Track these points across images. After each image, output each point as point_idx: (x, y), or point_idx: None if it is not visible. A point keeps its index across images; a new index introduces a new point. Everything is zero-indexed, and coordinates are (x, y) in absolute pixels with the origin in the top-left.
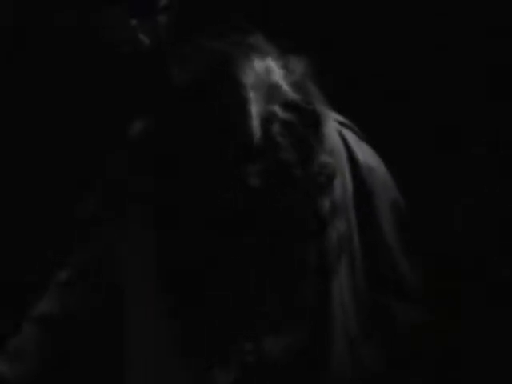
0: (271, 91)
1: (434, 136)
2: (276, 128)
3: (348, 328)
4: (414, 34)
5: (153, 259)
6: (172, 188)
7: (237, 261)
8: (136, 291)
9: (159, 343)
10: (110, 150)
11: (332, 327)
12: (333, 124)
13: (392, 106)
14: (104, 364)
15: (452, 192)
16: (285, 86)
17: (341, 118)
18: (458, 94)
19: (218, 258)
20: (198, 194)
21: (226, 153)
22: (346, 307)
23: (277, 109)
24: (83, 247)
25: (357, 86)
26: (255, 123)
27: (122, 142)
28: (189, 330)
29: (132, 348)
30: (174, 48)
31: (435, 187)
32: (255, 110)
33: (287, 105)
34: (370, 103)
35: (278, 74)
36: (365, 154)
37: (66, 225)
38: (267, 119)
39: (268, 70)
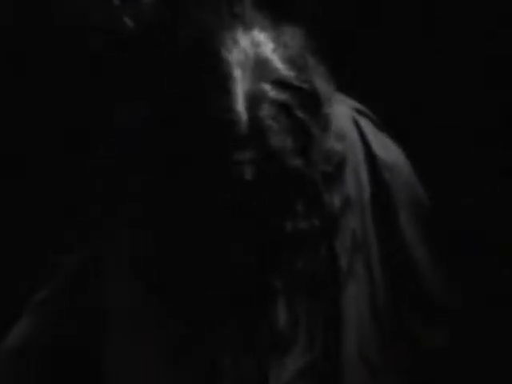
0: (259, 67)
1: (434, 136)
2: (266, 110)
3: (362, 340)
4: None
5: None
6: (158, 187)
7: (233, 266)
8: (133, 292)
9: (149, 353)
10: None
11: (345, 338)
12: (347, 111)
13: (390, 106)
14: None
15: (452, 192)
16: (276, 62)
17: (357, 105)
18: (457, 94)
19: (212, 263)
20: (185, 191)
21: (209, 140)
22: (362, 316)
23: (266, 87)
24: (83, 247)
25: (355, 86)
26: (241, 104)
27: (111, 137)
28: (182, 338)
29: (118, 359)
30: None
31: (435, 187)
32: (241, 88)
33: (279, 83)
34: (368, 104)
35: (267, 48)
36: (384, 146)
37: (65, 226)
38: (255, 100)
39: (255, 44)
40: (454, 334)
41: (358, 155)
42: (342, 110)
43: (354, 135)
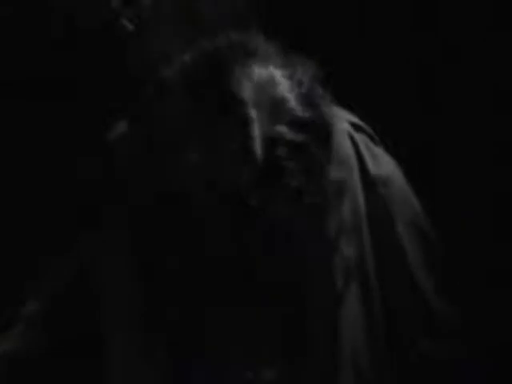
0: (276, 108)
1: (435, 135)
2: (282, 151)
3: (358, 362)
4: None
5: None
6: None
7: (234, 286)
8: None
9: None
10: (90, 154)
11: (340, 360)
12: (344, 126)
13: (389, 107)
14: None
15: (452, 192)
16: (292, 102)
17: (355, 120)
18: (458, 100)
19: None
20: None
21: (221, 178)
22: (357, 339)
23: (283, 129)
24: (78, 248)
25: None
26: (258, 146)
27: (101, 145)
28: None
29: (117, 360)
30: (162, 45)
31: (434, 188)
32: (258, 130)
33: (295, 123)
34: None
35: (283, 87)
36: (380, 163)
37: (56, 230)
38: (272, 141)
39: (272, 82)
40: (454, 346)
41: (354, 175)
42: (339, 127)
43: (350, 154)
